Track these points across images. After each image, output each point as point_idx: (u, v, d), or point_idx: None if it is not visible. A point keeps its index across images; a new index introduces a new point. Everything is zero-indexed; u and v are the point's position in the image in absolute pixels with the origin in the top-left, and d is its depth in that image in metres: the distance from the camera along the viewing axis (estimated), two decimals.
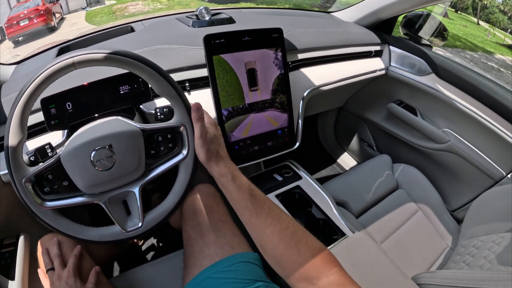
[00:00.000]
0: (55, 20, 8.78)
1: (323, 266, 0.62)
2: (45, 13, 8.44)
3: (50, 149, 0.75)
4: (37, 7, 8.45)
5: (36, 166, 0.71)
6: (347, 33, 1.50)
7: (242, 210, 0.73)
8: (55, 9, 8.95)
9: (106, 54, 0.65)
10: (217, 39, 1.00)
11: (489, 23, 17.39)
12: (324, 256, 0.63)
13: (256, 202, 0.71)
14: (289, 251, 0.65)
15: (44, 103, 0.80)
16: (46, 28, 8.43)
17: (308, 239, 0.66)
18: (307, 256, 0.63)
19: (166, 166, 0.83)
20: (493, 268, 0.97)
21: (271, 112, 1.14)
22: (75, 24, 9.01)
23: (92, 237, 0.80)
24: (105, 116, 0.79)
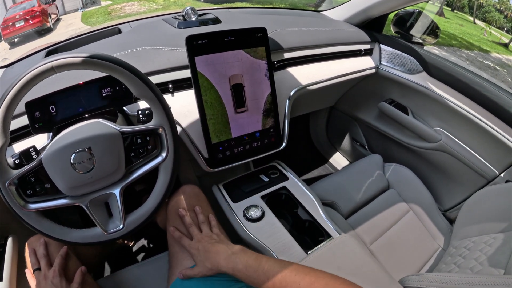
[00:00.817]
0: (51, 21, 8.76)
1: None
2: (41, 14, 8.42)
3: (35, 152, 0.76)
4: (33, 8, 8.44)
5: (19, 169, 0.71)
6: (336, 32, 1.49)
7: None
8: (51, 10, 8.93)
9: (84, 58, 0.66)
10: (200, 39, 0.99)
11: (485, 22, 17.44)
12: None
13: (259, 282, 0.72)
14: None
15: (28, 106, 0.80)
16: (42, 29, 8.41)
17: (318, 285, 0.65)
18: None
19: (146, 168, 0.83)
20: (484, 270, 0.96)
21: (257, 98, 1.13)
22: (71, 25, 9.00)
23: (75, 239, 0.81)
24: (88, 118, 0.81)
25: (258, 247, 0.96)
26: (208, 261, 0.81)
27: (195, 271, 0.83)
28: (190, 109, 1.05)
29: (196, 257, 0.85)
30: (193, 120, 1.05)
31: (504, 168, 1.37)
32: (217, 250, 0.82)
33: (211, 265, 0.80)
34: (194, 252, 0.86)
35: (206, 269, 0.82)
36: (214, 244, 0.85)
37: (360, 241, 1.19)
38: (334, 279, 0.65)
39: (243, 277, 0.75)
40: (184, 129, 1.04)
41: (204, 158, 1.07)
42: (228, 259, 0.78)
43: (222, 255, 0.80)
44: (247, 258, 0.76)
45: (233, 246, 0.83)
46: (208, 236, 0.90)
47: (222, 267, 0.78)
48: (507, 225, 1.10)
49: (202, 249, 0.84)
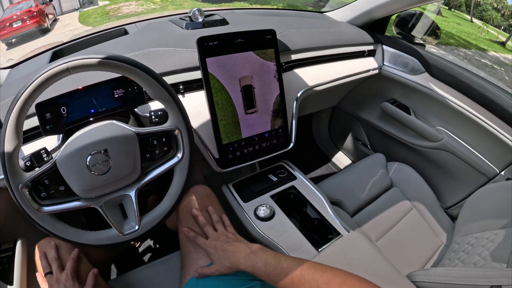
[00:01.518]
0: (48, 21, 8.72)
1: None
2: (38, 15, 8.38)
3: (46, 153, 0.75)
4: (30, 9, 8.39)
5: (32, 171, 0.71)
6: (340, 33, 1.50)
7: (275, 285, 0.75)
8: (48, 10, 8.89)
9: (100, 59, 0.66)
10: (211, 41, 1.00)
11: (482, 21, 17.46)
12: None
13: (278, 280, 0.73)
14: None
15: (39, 108, 0.80)
16: (39, 29, 8.37)
17: (335, 282, 0.66)
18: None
19: (161, 169, 0.83)
20: (487, 265, 0.98)
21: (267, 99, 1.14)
22: (68, 25, 8.96)
23: (90, 241, 0.81)
24: (100, 120, 0.80)
25: (270, 245, 0.97)
26: (227, 259, 0.81)
27: (212, 269, 0.84)
28: (201, 110, 1.06)
29: (214, 256, 0.85)
30: (204, 121, 1.06)
31: (505, 166, 1.39)
32: (235, 249, 0.82)
33: (230, 264, 0.81)
34: (211, 251, 0.86)
35: (224, 267, 0.82)
36: (232, 243, 0.85)
37: (367, 238, 1.21)
38: (351, 277, 0.67)
39: (262, 275, 0.76)
40: (195, 130, 1.05)
41: (215, 158, 1.08)
42: (248, 258, 0.79)
43: (242, 253, 0.80)
44: (266, 257, 0.77)
45: (252, 244, 0.83)
46: (224, 235, 0.91)
47: (241, 265, 0.79)
48: (508, 222, 1.12)
49: (220, 247, 0.85)
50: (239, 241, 0.87)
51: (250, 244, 0.84)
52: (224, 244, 0.85)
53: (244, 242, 0.86)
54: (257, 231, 1.01)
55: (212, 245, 0.87)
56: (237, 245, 0.84)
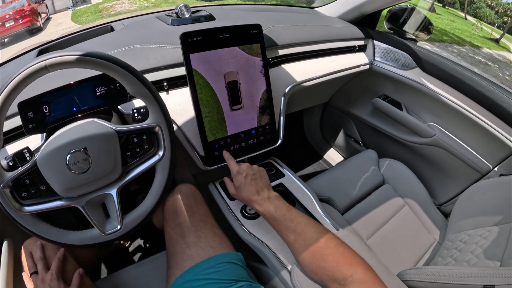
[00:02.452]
0: (41, 20, 8.68)
1: (347, 268, 0.68)
2: (31, 14, 8.34)
3: (29, 153, 0.74)
4: (23, 8, 8.35)
5: (13, 171, 0.70)
6: (330, 28, 1.49)
7: (279, 234, 0.84)
8: (41, 9, 8.85)
9: (78, 56, 0.65)
10: (194, 36, 0.98)
11: (476, 18, 17.59)
12: (347, 259, 0.70)
13: (283, 224, 0.81)
14: (315, 258, 0.73)
15: (21, 107, 0.79)
16: (32, 28, 8.34)
17: (330, 245, 0.73)
18: (331, 261, 0.70)
19: (143, 168, 0.83)
20: (480, 263, 0.97)
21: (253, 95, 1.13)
22: (61, 24, 8.93)
23: (72, 241, 0.80)
24: (83, 118, 0.80)
25: (256, 245, 0.95)
26: (246, 193, 0.90)
27: (232, 191, 0.95)
28: (186, 107, 1.04)
29: (239, 182, 0.92)
30: (189, 118, 1.04)
31: (498, 162, 1.38)
32: (257, 191, 0.89)
33: (247, 198, 0.89)
34: (239, 178, 0.93)
35: (241, 198, 0.92)
36: (259, 182, 0.92)
37: (357, 236, 1.19)
38: (347, 245, 0.75)
39: (270, 218, 0.84)
40: (179, 127, 1.03)
41: (200, 156, 1.06)
42: (263, 201, 0.87)
43: (260, 195, 0.88)
44: (279, 203, 0.85)
45: (272, 192, 0.91)
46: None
47: (255, 203, 0.88)
48: (501, 218, 1.12)
49: (248, 179, 0.92)
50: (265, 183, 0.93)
51: (271, 190, 0.92)
52: (252, 179, 0.92)
53: (268, 186, 0.93)
54: (243, 230, 1.00)
55: (243, 174, 0.93)
56: (261, 187, 0.91)
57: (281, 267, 0.89)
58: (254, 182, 0.90)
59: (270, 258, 0.92)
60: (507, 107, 1.26)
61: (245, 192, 0.89)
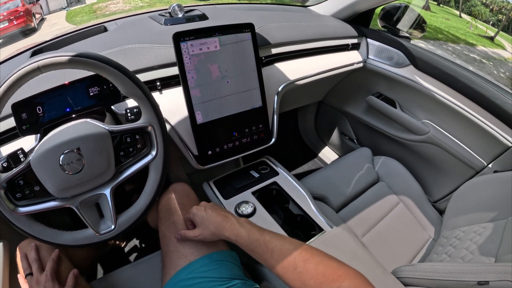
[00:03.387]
0: (35, 21, 8.62)
1: (331, 285, 0.63)
2: (25, 14, 8.28)
3: (23, 154, 0.74)
4: (17, 8, 8.29)
5: (7, 172, 0.71)
6: (323, 27, 1.49)
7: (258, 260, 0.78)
8: (35, 9, 8.79)
9: (70, 56, 0.66)
10: (187, 36, 0.98)
11: (471, 16, 17.64)
12: (329, 276, 0.65)
13: (258, 251, 0.76)
14: (296, 285, 0.68)
15: (14, 108, 0.79)
16: (26, 29, 8.28)
17: (309, 268, 0.68)
18: (313, 285, 0.65)
19: (136, 167, 0.83)
20: (475, 259, 0.98)
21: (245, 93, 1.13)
22: (56, 25, 8.87)
23: (66, 241, 0.81)
24: (76, 118, 0.80)
25: None
26: (213, 225, 0.83)
27: (196, 232, 0.85)
28: (179, 107, 1.05)
29: (200, 219, 0.86)
30: (182, 117, 1.05)
31: (492, 159, 1.38)
32: (223, 216, 0.84)
33: (215, 229, 0.82)
34: (198, 214, 0.87)
35: (208, 232, 0.83)
36: (220, 211, 0.86)
37: (352, 234, 1.20)
38: (328, 257, 0.69)
39: (244, 244, 0.78)
40: (173, 127, 1.04)
41: (194, 155, 1.06)
42: (233, 226, 0.80)
43: (228, 221, 0.82)
44: (251, 227, 0.79)
45: (240, 218, 0.85)
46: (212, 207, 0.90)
47: (226, 231, 0.81)
48: (496, 215, 1.12)
49: (209, 213, 0.85)
50: (228, 212, 0.88)
51: (238, 217, 0.85)
52: (213, 211, 0.86)
53: (232, 214, 0.87)
54: None
55: (202, 209, 0.87)
56: (226, 214, 0.85)
57: None
58: (216, 211, 0.86)
59: None
60: (501, 104, 1.27)
61: (211, 223, 0.84)
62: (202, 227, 0.85)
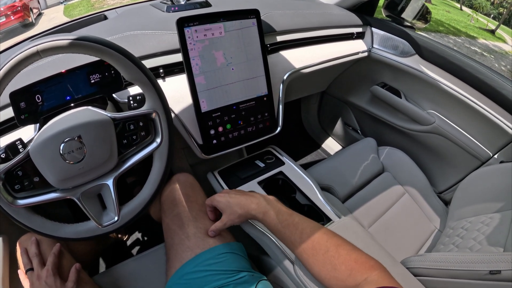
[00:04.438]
0: (33, 16, 8.61)
1: (360, 275, 0.64)
2: (22, 9, 8.27)
3: (21, 144, 0.72)
4: (14, 4, 8.28)
5: (5, 163, 0.68)
6: (328, 15, 1.47)
7: (282, 241, 0.79)
8: (33, 4, 8.78)
9: (71, 40, 0.62)
10: (191, 22, 0.96)
11: (472, 9, 17.64)
12: (360, 265, 0.66)
13: (286, 232, 0.76)
14: (325, 268, 0.68)
15: (13, 97, 0.77)
16: (24, 24, 8.27)
17: (342, 253, 0.68)
18: (343, 270, 0.66)
19: (140, 156, 0.80)
20: (483, 249, 0.97)
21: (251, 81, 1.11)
22: (53, 19, 8.85)
23: (68, 234, 0.78)
24: (77, 107, 0.77)
25: (257, 235, 0.94)
26: (239, 206, 0.83)
27: (224, 220, 0.85)
28: (183, 95, 1.02)
29: (225, 204, 0.86)
30: (186, 105, 1.03)
31: (498, 149, 1.37)
32: (249, 196, 0.84)
33: (242, 210, 0.82)
34: (222, 200, 0.86)
35: (236, 215, 0.83)
36: (245, 193, 0.87)
37: (360, 225, 1.18)
38: (358, 248, 0.70)
39: (271, 224, 0.78)
40: (177, 116, 1.02)
41: (199, 144, 1.05)
42: (261, 204, 0.80)
43: (255, 200, 0.82)
44: (280, 207, 0.80)
45: (267, 195, 0.85)
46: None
47: (253, 210, 0.80)
48: (502, 205, 1.11)
49: (233, 196, 0.85)
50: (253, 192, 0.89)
51: (265, 195, 0.86)
52: (237, 193, 0.86)
53: (258, 193, 0.87)
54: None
55: (226, 195, 0.87)
56: (252, 193, 0.86)
57: (283, 257, 0.87)
58: (240, 193, 0.86)
59: (272, 248, 0.90)
60: (507, 94, 1.25)
61: (236, 205, 0.83)
62: (228, 212, 0.85)
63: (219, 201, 0.87)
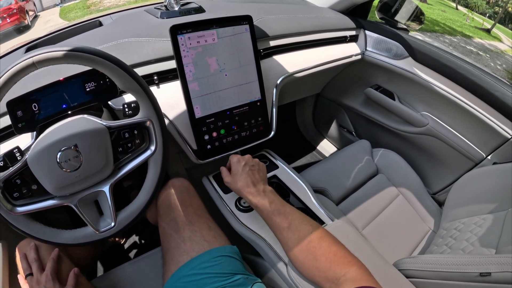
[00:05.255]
0: (29, 18, 8.60)
1: (340, 268, 0.66)
2: (18, 12, 8.26)
3: (19, 152, 0.73)
4: (10, 6, 8.27)
5: (4, 171, 0.70)
6: (321, 19, 1.48)
7: (272, 229, 0.82)
8: (28, 7, 8.76)
9: (66, 51, 0.64)
10: (184, 29, 0.97)
11: (467, 8, 17.68)
12: (340, 258, 0.68)
13: (276, 219, 0.79)
14: (308, 258, 0.72)
15: (10, 106, 0.78)
16: (19, 27, 8.25)
17: (323, 245, 0.71)
18: (323, 262, 0.69)
19: (135, 163, 0.82)
20: (476, 250, 0.98)
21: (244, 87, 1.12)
22: (49, 21, 8.84)
23: (66, 240, 0.80)
24: (73, 115, 0.78)
25: (251, 238, 0.95)
26: (241, 183, 0.88)
27: (227, 179, 0.92)
28: (177, 101, 1.03)
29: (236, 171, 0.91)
30: (180, 111, 1.04)
31: (491, 151, 1.38)
32: (254, 182, 0.87)
33: (241, 188, 0.87)
34: (237, 166, 0.91)
35: (235, 187, 0.90)
36: (256, 174, 0.90)
37: (353, 227, 1.19)
38: (340, 243, 0.74)
39: (264, 212, 0.82)
40: (171, 121, 1.03)
41: (193, 150, 1.06)
42: (258, 193, 0.84)
43: (255, 188, 0.86)
44: (274, 198, 0.84)
45: (268, 186, 0.89)
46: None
47: (249, 194, 0.85)
48: (495, 206, 1.12)
49: (246, 168, 0.90)
50: (262, 177, 0.92)
51: (267, 185, 0.90)
52: (250, 169, 0.90)
53: (264, 180, 0.92)
54: (238, 223, 0.99)
55: (242, 163, 0.92)
56: (257, 179, 0.89)
57: (277, 260, 0.88)
58: (251, 172, 0.89)
59: (266, 250, 0.91)
60: (500, 96, 1.26)
61: (240, 181, 0.87)
62: (232, 179, 0.90)
63: (233, 163, 0.93)
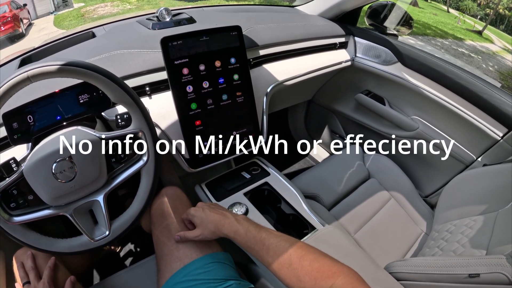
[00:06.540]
0: (23, 26, 8.58)
1: (325, 282, 0.65)
2: (13, 20, 8.24)
3: (15, 163, 0.75)
4: (4, 14, 8.25)
5: (1, 182, 0.71)
6: (310, 26, 1.50)
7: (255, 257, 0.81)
8: (23, 15, 8.74)
9: (59, 65, 0.66)
10: (175, 40, 0.99)
11: (459, 11, 17.80)
12: (323, 273, 0.67)
13: (255, 248, 0.78)
14: (292, 281, 0.71)
15: (5, 118, 0.79)
16: (14, 35, 8.23)
17: (304, 264, 0.70)
18: (307, 281, 0.68)
19: (128, 173, 0.84)
20: (466, 252, 0.99)
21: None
22: (44, 29, 8.83)
23: (62, 249, 0.81)
24: (67, 126, 0.81)
25: None
26: (212, 223, 0.85)
27: (196, 232, 0.88)
28: (169, 111, 1.05)
29: (199, 219, 0.88)
30: (172, 121, 1.05)
31: (481, 153, 1.39)
32: (222, 215, 0.86)
33: (215, 228, 0.84)
34: (197, 214, 0.89)
35: (208, 232, 0.86)
36: (219, 210, 0.89)
37: (344, 231, 1.20)
38: (323, 255, 0.71)
39: (242, 242, 0.80)
40: (163, 131, 1.04)
41: (185, 158, 1.07)
42: (232, 224, 0.83)
43: (227, 220, 0.84)
44: (248, 225, 0.82)
45: (238, 215, 0.87)
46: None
47: (225, 229, 0.83)
48: (486, 207, 1.14)
49: (207, 212, 0.88)
50: (225, 210, 0.91)
51: (236, 214, 0.88)
52: (211, 210, 0.88)
53: (230, 211, 0.90)
54: None
55: (200, 209, 0.90)
56: (224, 212, 0.88)
57: None
58: (214, 211, 0.88)
59: None
60: (488, 98, 1.28)
61: (210, 222, 0.86)
62: (202, 227, 0.87)
63: (194, 215, 0.90)
